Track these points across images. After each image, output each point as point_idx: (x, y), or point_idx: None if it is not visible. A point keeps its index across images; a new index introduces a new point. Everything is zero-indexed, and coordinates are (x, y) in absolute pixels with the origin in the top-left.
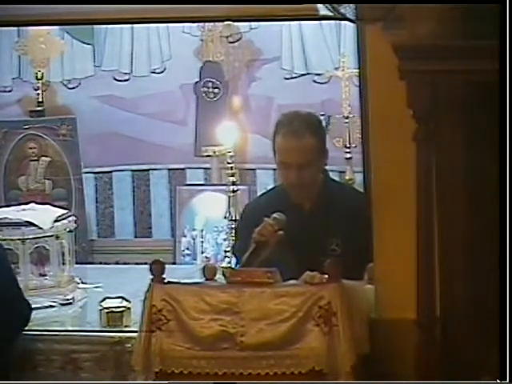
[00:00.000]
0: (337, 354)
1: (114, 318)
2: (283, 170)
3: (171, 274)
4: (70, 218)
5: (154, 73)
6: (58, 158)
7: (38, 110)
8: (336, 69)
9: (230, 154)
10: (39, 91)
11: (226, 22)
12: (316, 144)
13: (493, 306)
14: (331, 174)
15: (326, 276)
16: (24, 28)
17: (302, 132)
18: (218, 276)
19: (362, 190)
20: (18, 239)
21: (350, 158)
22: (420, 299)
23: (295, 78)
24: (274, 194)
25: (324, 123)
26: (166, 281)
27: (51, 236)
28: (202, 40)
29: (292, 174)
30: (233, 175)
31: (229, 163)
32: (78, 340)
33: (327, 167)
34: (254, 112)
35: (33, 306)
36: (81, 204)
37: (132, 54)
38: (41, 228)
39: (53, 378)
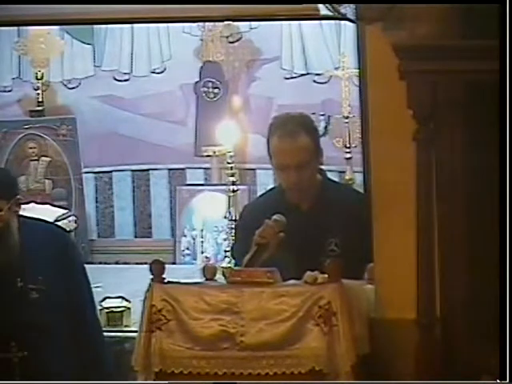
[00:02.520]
0: (337, 353)
1: (114, 317)
2: (281, 171)
3: (171, 274)
4: (70, 218)
5: (153, 73)
6: (58, 157)
7: (38, 110)
8: (336, 69)
9: (230, 153)
10: (39, 91)
11: (226, 22)
12: (311, 144)
13: (493, 305)
14: (331, 174)
15: (326, 276)
16: (24, 28)
17: (297, 132)
18: (218, 276)
19: (361, 190)
20: None
21: (350, 158)
22: (420, 299)
23: (295, 77)
24: (272, 195)
25: (323, 123)
26: (165, 281)
27: None
28: (201, 40)
29: (290, 175)
30: (233, 175)
31: (229, 163)
32: None
33: (326, 167)
34: (254, 112)
35: None
36: (81, 204)
37: (132, 54)
38: None
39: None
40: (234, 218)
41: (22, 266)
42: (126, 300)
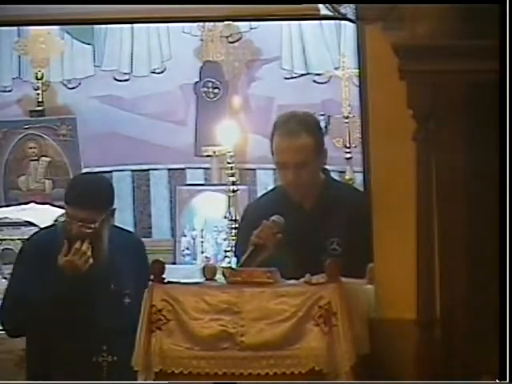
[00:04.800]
0: (337, 353)
1: None
2: (281, 170)
3: (171, 274)
4: None
5: (154, 73)
6: (58, 157)
7: (38, 110)
8: (336, 69)
9: (230, 153)
10: (39, 91)
11: (226, 22)
12: (312, 143)
13: (493, 305)
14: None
15: (326, 276)
16: (24, 28)
17: (298, 131)
18: (218, 276)
19: (362, 189)
20: (18, 239)
21: (350, 158)
22: (420, 299)
23: (295, 77)
24: (274, 195)
25: (323, 123)
26: (165, 281)
27: None
28: (201, 40)
29: (289, 173)
30: (233, 175)
31: (229, 163)
32: None
33: (328, 167)
34: (254, 112)
35: None
36: None
37: (132, 54)
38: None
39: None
40: (234, 218)
41: (114, 272)
42: None
